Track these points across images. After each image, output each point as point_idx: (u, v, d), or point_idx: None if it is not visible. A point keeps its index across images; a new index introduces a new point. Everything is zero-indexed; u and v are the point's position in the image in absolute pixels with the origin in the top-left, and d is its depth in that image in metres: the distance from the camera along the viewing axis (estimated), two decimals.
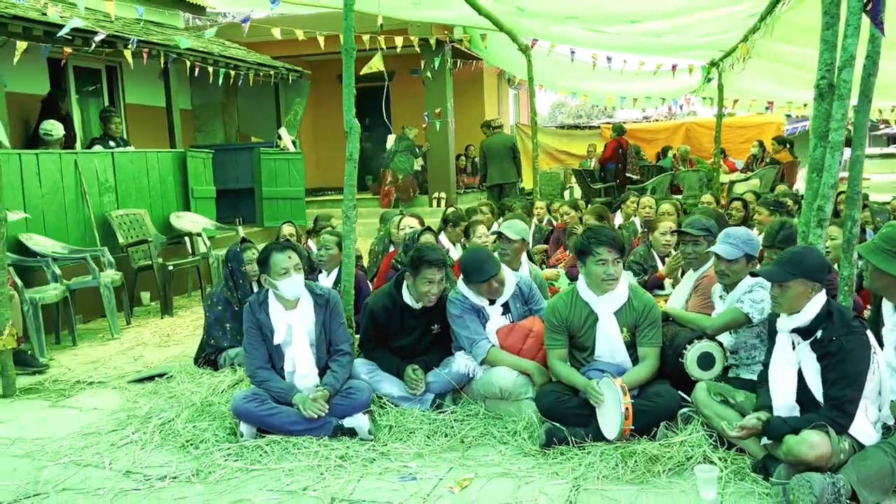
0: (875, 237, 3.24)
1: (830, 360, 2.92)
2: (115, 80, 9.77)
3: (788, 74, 8.93)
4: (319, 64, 12.99)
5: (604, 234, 3.65)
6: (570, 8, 6.66)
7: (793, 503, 2.70)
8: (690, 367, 3.52)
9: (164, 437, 3.75)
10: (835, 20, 3.56)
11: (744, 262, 3.62)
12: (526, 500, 2.96)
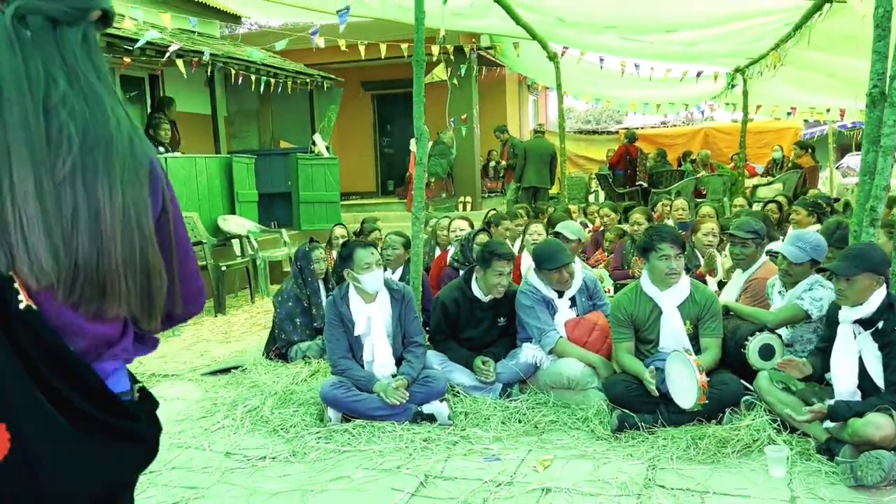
0: None
1: (892, 348, 3.15)
2: (157, 88, 10.07)
3: (816, 81, 9.15)
4: (342, 71, 13.28)
5: (665, 231, 3.90)
6: (609, 18, 6.91)
7: (861, 478, 2.93)
8: (752, 357, 3.75)
9: (254, 422, 4.00)
10: (886, 32, 3.80)
11: (808, 265, 3.85)
12: (606, 478, 3.19)
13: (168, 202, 1.28)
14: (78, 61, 1.20)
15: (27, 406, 1.11)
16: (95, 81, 1.21)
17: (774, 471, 3.13)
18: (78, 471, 1.16)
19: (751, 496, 2.97)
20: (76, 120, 1.16)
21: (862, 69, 7.46)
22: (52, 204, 1.11)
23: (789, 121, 16.31)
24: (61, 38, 1.20)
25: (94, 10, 1.25)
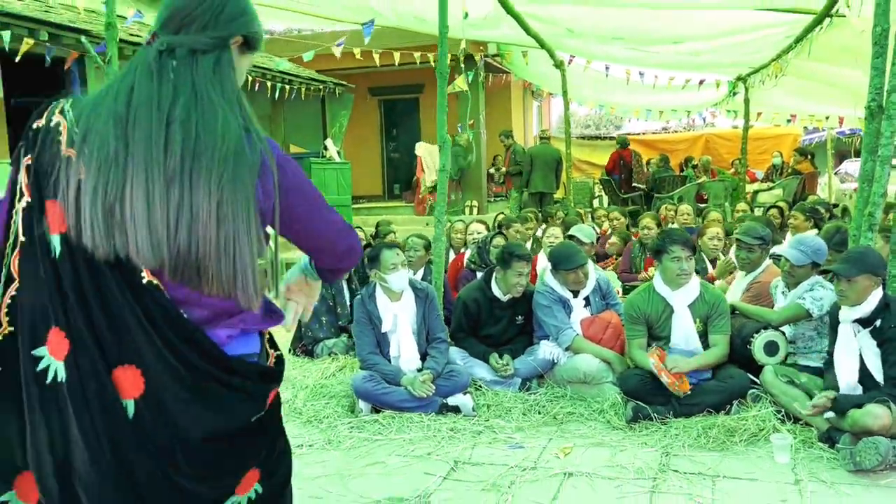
0: None
1: (889, 345, 3.40)
2: None
3: (815, 90, 9.42)
4: (349, 77, 13.54)
5: (677, 234, 4.15)
6: (617, 29, 7.17)
7: (859, 462, 3.17)
8: (757, 353, 4.00)
9: (288, 414, 4.24)
10: (883, 49, 4.05)
11: (809, 267, 4.10)
12: (624, 463, 3.44)
13: (281, 191, 1.47)
14: (205, 82, 1.44)
15: (155, 358, 1.39)
16: (217, 98, 1.43)
17: (779, 457, 3.38)
18: (192, 411, 1.42)
19: (758, 480, 3.22)
20: (188, 132, 1.39)
21: (860, 79, 7.75)
22: (158, 204, 1.36)
23: (789, 127, 16.59)
24: (196, 64, 1.45)
25: (234, 37, 1.50)
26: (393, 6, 7.47)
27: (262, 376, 1.55)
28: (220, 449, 1.47)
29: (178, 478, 1.41)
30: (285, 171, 1.50)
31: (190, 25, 1.46)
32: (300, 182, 1.55)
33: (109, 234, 1.34)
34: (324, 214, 1.60)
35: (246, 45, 1.55)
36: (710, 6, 5.91)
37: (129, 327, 1.37)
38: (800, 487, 3.13)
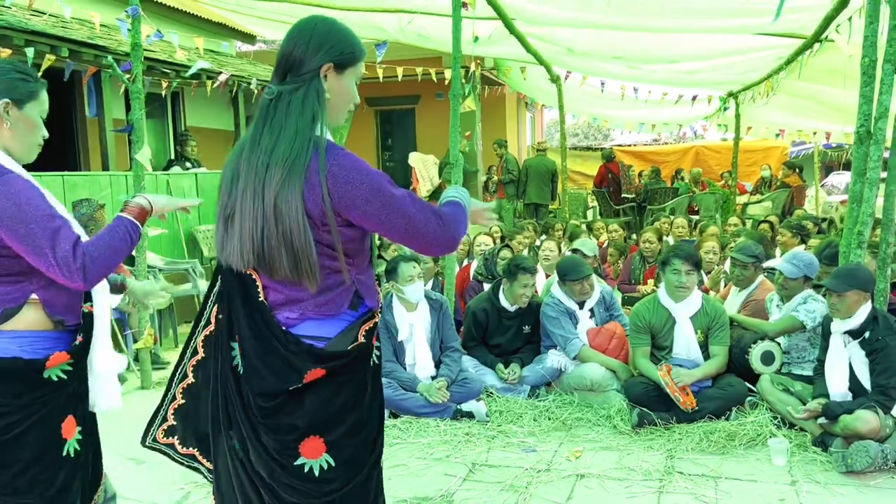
0: None
1: (877, 355, 3.66)
2: (178, 105, 10.50)
3: (805, 107, 9.73)
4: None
5: (681, 249, 4.41)
6: (616, 49, 7.44)
7: (850, 465, 3.43)
8: (755, 362, 4.26)
9: None
10: (871, 79, 4.32)
11: (801, 280, 4.37)
12: (631, 466, 3.68)
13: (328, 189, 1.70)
14: (290, 113, 1.75)
15: (247, 330, 1.82)
16: (293, 124, 1.73)
17: (777, 460, 3.63)
18: (260, 371, 1.81)
19: (757, 481, 3.47)
20: (268, 156, 1.73)
21: (848, 98, 8.06)
22: (248, 215, 1.74)
23: (776, 140, 16.96)
24: (290, 102, 1.77)
25: (322, 67, 1.79)
26: (399, 24, 7.71)
27: (307, 354, 1.80)
28: (273, 405, 1.81)
29: (256, 420, 1.82)
30: (335, 178, 1.71)
31: (291, 70, 1.79)
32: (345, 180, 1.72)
33: (220, 245, 1.81)
34: (395, 213, 1.75)
35: (340, 66, 1.81)
36: (710, 30, 6.19)
37: (238, 308, 1.81)
38: (796, 488, 3.38)
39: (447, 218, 1.81)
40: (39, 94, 1.99)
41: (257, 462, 1.83)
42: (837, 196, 17.69)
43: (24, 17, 6.56)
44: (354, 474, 1.87)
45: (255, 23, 10.82)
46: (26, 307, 1.90)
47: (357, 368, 1.89)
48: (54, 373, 1.93)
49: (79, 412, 2.02)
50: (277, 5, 7.51)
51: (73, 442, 1.99)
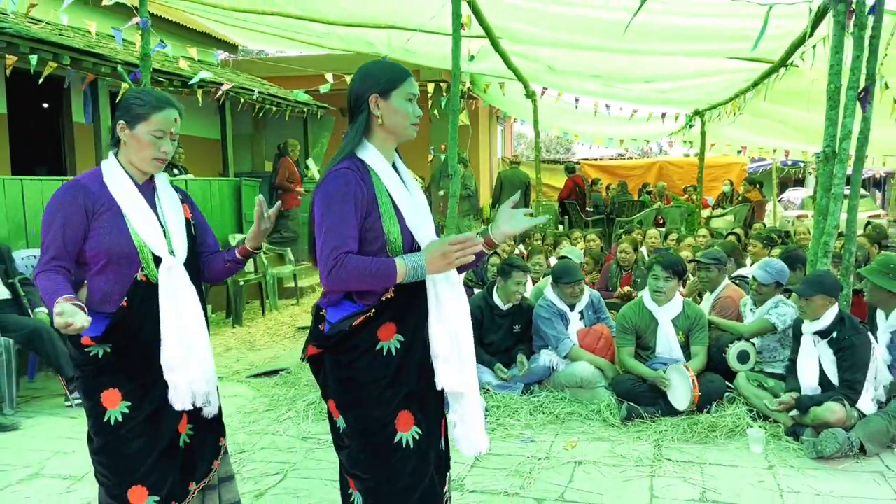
0: (873, 262, 4.42)
1: (844, 353, 4.06)
2: None
3: (768, 127, 10.28)
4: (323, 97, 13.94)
5: (665, 258, 4.78)
6: (594, 68, 7.84)
7: (821, 450, 3.80)
8: (731, 361, 4.64)
9: (316, 414, 4.70)
10: (836, 104, 4.75)
11: (773, 286, 4.77)
12: (624, 454, 4.01)
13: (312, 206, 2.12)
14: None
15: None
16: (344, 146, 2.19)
17: (754, 448, 4.00)
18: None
19: (738, 466, 3.82)
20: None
21: (811, 119, 8.59)
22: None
23: (736, 157, 17.66)
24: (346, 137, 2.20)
25: (369, 100, 2.16)
26: (388, 40, 8.02)
27: (313, 333, 2.23)
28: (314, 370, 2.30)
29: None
30: (316, 192, 2.12)
31: (353, 108, 2.20)
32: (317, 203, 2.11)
33: None
34: (318, 233, 2.10)
35: (384, 93, 2.16)
36: (686, 53, 6.62)
37: None
38: (773, 472, 3.74)
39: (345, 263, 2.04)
40: (150, 116, 2.30)
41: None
42: (794, 211, 18.46)
43: (23, 23, 6.69)
44: (366, 441, 2.15)
45: (239, 33, 11.05)
46: (81, 290, 2.26)
47: (352, 351, 2.15)
48: (94, 350, 2.25)
49: (130, 391, 2.28)
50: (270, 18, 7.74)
51: (116, 413, 2.26)
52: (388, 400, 2.14)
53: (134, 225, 2.26)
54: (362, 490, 2.18)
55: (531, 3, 5.75)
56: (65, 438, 4.37)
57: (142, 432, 2.27)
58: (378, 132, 2.19)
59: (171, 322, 2.28)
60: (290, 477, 3.76)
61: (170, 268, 2.29)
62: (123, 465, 2.25)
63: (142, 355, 2.28)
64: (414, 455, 2.15)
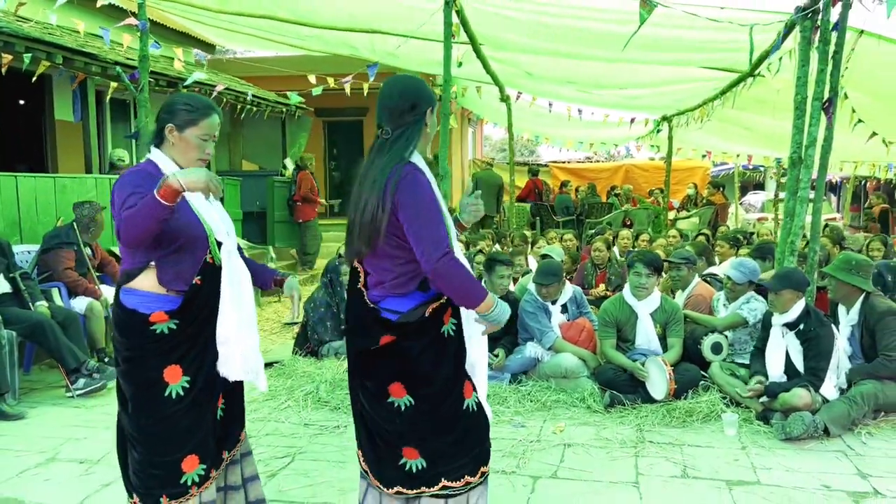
0: (835, 261, 4.79)
1: (810, 344, 4.41)
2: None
3: (734, 132, 10.73)
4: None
5: (645, 255, 5.09)
6: (571, 74, 8.17)
7: (789, 432, 4.14)
8: (706, 351, 4.97)
9: (314, 403, 4.91)
10: (802, 113, 5.12)
11: (746, 285, 5.12)
12: (609, 437, 4.30)
13: (392, 198, 2.29)
14: (391, 147, 2.38)
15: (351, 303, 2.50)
16: (389, 153, 2.36)
17: (728, 431, 4.32)
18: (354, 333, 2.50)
19: (714, 447, 4.14)
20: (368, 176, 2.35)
21: (776, 126, 9.02)
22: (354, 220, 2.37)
23: (700, 160, 18.22)
24: (395, 139, 2.39)
25: (426, 112, 2.38)
26: (372, 44, 8.24)
27: (380, 324, 2.42)
28: (364, 360, 2.48)
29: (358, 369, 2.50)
30: (402, 189, 2.31)
31: (399, 117, 2.40)
32: (410, 198, 2.31)
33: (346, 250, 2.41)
34: (420, 224, 2.31)
35: (433, 109, 2.46)
36: (660, 62, 6.97)
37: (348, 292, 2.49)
38: (746, 451, 4.07)
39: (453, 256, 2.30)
40: (199, 122, 2.52)
41: (364, 398, 2.49)
42: (754, 214, 19.11)
43: (15, 22, 6.77)
44: (437, 412, 2.46)
45: (218, 33, 11.15)
46: (145, 271, 2.44)
47: (424, 337, 2.44)
48: (160, 327, 2.44)
49: (189, 366, 2.49)
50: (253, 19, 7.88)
51: (178, 387, 2.47)
52: (454, 375, 2.47)
53: (199, 211, 2.48)
54: (429, 454, 2.46)
55: (515, 13, 6.02)
56: (72, 426, 4.52)
57: (197, 404, 2.49)
58: (423, 142, 2.47)
59: (231, 300, 2.52)
60: (298, 459, 3.98)
61: (229, 251, 2.53)
62: (180, 435, 2.46)
63: (200, 331, 2.50)
64: (477, 415, 2.56)
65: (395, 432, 2.46)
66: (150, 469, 2.50)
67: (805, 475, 3.73)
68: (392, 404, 2.44)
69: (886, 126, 7.94)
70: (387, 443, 2.48)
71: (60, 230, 5.90)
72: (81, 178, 6.98)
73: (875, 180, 19.32)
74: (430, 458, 2.46)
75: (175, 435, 2.46)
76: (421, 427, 2.46)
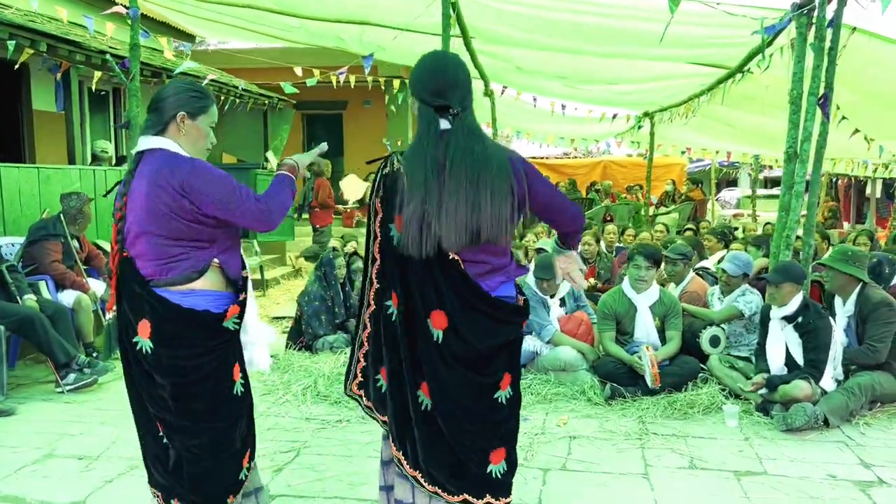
0: (832, 252, 4.85)
1: (808, 336, 4.46)
2: (119, 102, 10.50)
3: (716, 129, 10.84)
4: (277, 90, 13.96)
5: (645, 248, 5.12)
6: (562, 69, 8.17)
7: (790, 423, 4.19)
8: (704, 344, 5.01)
9: (313, 397, 4.86)
10: (798, 108, 5.16)
11: (741, 277, 5.17)
12: (613, 429, 4.31)
13: (527, 180, 2.24)
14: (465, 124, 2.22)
15: (456, 303, 2.21)
16: (478, 131, 2.24)
17: (730, 422, 4.36)
18: (477, 332, 2.23)
19: (717, 438, 4.18)
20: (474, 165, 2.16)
21: (762, 122, 9.10)
22: (463, 213, 2.14)
23: (676, 157, 18.41)
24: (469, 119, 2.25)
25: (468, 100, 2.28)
26: (360, 37, 8.17)
27: (516, 311, 2.33)
28: (491, 354, 2.27)
29: (467, 371, 2.25)
30: (527, 172, 2.27)
31: (467, 94, 2.27)
32: (538, 176, 2.33)
33: (423, 240, 2.13)
34: (556, 194, 2.38)
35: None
36: (652, 58, 7.00)
37: (440, 287, 2.17)
38: (749, 442, 4.11)
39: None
40: (209, 109, 2.44)
41: (458, 399, 2.28)
42: (730, 210, 19.38)
43: None
44: (519, 400, 2.46)
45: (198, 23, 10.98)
46: (210, 270, 2.34)
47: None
48: (230, 323, 2.36)
49: (241, 362, 2.44)
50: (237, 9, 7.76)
51: (239, 384, 2.42)
52: None
53: None
54: (511, 458, 2.41)
55: (514, 6, 6.00)
56: (66, 422, 4.42)
57: (248, 398, 2.48)
58: None
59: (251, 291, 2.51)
60: (304, 454, 3.93)
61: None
62: (240, 432, 2.43)
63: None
64: None
65: (489, 431, 2.33)
66: (221, 474, 2.44)
67: (810, 465, 3.77)
68: (496, 400, 2.34)
69: (869, 123, 8.07)
70: (473, 444, 2.32)
71: (47, 222, 5.76)
72: (65, 169, 6.82)
73: (847, 178, 19.67)
74: (511, 462, 2.41)
75: (239, 433, 2.43)
76: (514, 424, 2.43)
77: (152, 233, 2.31)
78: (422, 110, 2.28)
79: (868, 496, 3.41)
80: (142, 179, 2.33)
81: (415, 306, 2.21)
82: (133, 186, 2.36)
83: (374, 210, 2.31)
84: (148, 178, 2.31)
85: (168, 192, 2.27)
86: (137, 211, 2.32)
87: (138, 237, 2.34)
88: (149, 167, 2.34)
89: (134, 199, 2.34)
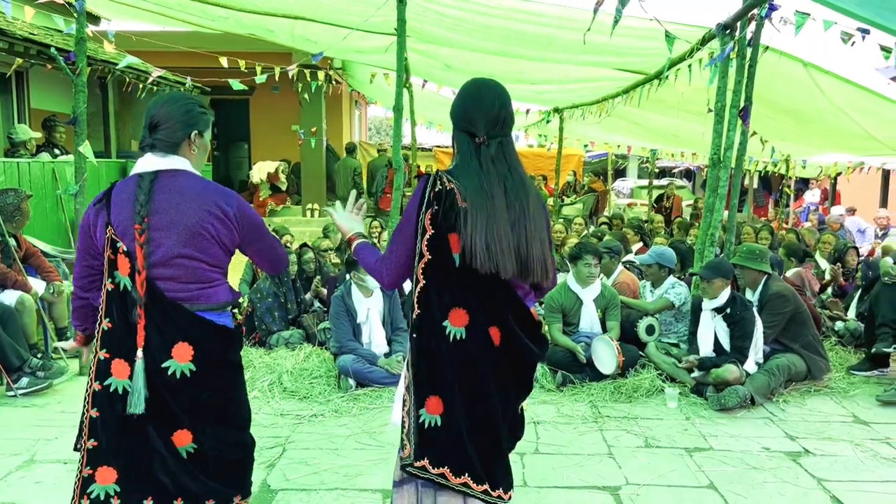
0: (740, 252, 5.45)
1: (735, 326, 5.02)
2: (22, 86, 9.97)
3: (622, 126, 11.51)
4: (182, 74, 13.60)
5: (590, 247, 5.54)
6: (489, 68, 8.50)
7: (724, 403, 4.73)
8: (641, 333, 5.51)
9: (281, 392, 4.99)
10: (721, 118, 5.72)
11: (656, 268, 5.73)
12: (569, 414, 4.71)
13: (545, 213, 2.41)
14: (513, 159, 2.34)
15: (509, 319, 2.33)
16: (519, 167, 2.35)
17: (670, 404, 4.86)
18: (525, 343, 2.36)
19: (663, 419, 4.66)
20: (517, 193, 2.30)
21: (666, 123, 9.76)
22: (512, 237, 2.30)
23: (574, 148, 19.22)
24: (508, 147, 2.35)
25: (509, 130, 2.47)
26: (291, 29, 8.19)
27: (539, 325, 2.51)
28: (531, 362, 2.48)
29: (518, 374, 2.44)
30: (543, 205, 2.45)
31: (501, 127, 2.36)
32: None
33: (491, 260, 2.23)
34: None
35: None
36: (580, 63, 7.44)
37: (498, 305, 2.33)
38: (691, 421, 4.61)
39: None
40: (210, 123, 2.50)
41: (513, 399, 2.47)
42: (624, 199, 20.45)
43: None
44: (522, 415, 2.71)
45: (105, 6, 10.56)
46: None
47: None
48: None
49: None
50: None
51: None
52: None
53: None
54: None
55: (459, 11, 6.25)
56: (34, 427, 4.37)
57: None
58: None
59: None
60: (290, 449, 4.09)
61: None
62: None
63: None
64: None
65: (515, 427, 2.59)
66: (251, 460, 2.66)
67: (746, 440, 4.31)
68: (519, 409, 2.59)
69: (766, 127, 8.88)
70: (508, 441, 2.54)
71: None
72: (10, 162, 6.51)
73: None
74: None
75: None
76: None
77: (191, 256, 2.32)
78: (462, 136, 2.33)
79: (799, 465, 3.96)
80: (172, 199, 2.30)
81: (479, 322, 2.31)
82: (159, 207, 2.29)
83: (423, 227, 2.26)
84: (189, 199, 2.31)
85: (219, 218, 2.33)
86: (171, 233, 2.30)
87: (172, 259, 2.31)
88: (179, 188, 2.32)
89: (163, 220, 2.30)
